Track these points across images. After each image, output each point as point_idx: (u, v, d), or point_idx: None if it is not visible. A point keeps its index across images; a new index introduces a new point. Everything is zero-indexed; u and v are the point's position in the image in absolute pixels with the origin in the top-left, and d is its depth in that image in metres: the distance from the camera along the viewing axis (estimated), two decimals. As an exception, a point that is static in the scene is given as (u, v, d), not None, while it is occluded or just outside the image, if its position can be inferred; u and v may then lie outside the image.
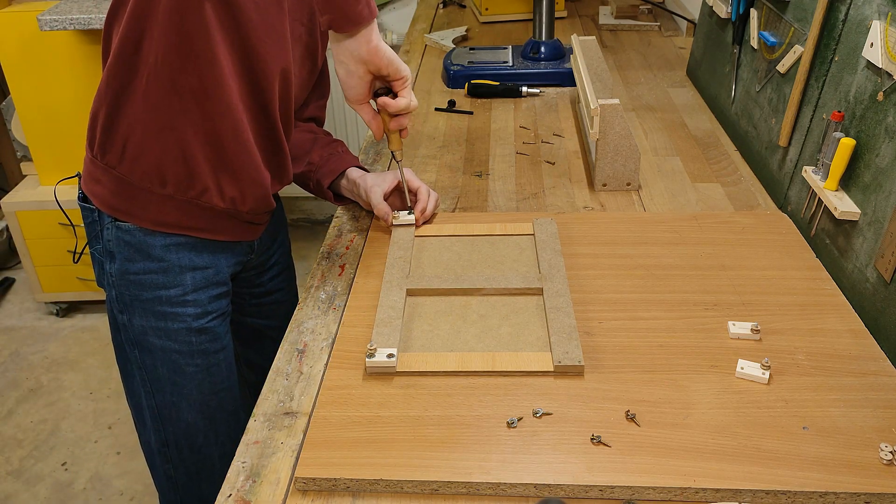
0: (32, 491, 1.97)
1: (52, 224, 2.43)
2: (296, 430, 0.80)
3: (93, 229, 1.07)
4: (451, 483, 0.71)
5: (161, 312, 1.06)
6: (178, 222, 1.03)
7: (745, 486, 0.69)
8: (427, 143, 1.45)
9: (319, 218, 3.13)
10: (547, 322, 0.90)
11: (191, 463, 1.16)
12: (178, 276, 1.05)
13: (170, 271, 1.05)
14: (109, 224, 1.04)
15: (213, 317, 1.10)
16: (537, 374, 0.83)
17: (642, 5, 2.08)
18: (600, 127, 1.18)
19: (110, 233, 1.04)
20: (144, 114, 0.96)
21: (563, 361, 0.83)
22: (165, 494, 1.21)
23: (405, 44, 2.06)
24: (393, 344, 0.86)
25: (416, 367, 0.84)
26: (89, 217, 1.07)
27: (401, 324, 0.90)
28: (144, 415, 1.14)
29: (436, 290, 0.97)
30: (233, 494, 0.73)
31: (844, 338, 0.88)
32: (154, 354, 1.08)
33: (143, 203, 1.01)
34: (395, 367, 0.84)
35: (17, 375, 2.38)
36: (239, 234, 1.10)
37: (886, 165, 0.90)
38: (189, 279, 1.06)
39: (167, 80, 0.94)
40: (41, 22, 2.05)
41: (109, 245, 1.05)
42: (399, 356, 0.85)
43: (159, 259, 1.04)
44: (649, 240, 1.07)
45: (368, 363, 0.83)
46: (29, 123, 2.37)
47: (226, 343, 1.13)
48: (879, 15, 0.93)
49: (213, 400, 1.13)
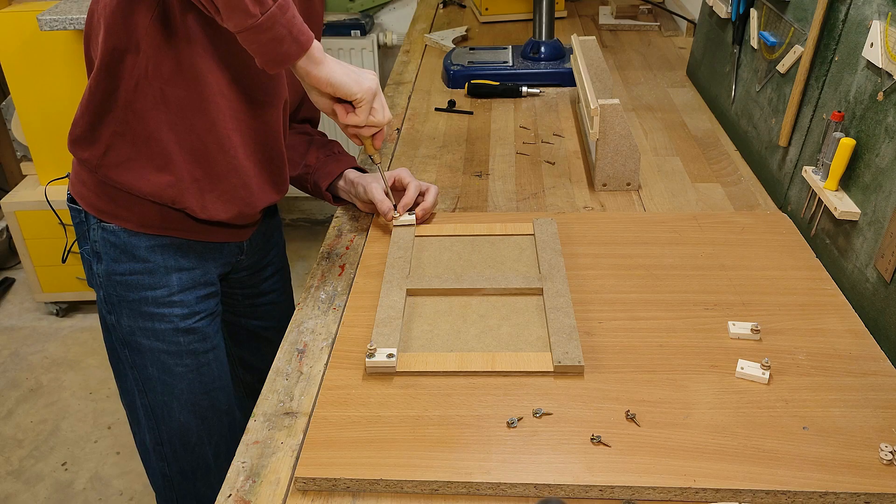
0: (32, 491, 1.97)
1: (51, 224, 2.43)
2: (296, 430, 0.80)
3: (80, 230, 1.08)
4: (451, 483, 0.71)
5: (148, 313, 1.06)
6: (162, 225, 1.03)
7: (745, 486, 0.69)
8: (427, 143, 1.45)
9: (319, 218, 3.13)
10: (547, 322, 0.90)
11: (185, 462, 1.16)
12: (163, 277, 1.05)
13: (155, 272, 1.05)
14: (95, 225, 1.04)
15: (201, 317, 1.10)
16: (537, 374, 0.83)
17: (642, 5, 2.08)
18: (600, 127, 1.18)
19: (96, 233, 1.05)
20: (128, 123, 0.96)
21: (563, 361, 0.83)
22: (161, 493, 1.21)
23: (405, 44, 2.06)
24: (393, 344, 0.86)
25: (415, 367, 0.84)
26: (77, 217, 1.07)
27: (401, 324, 0.90)
28: (138, 414, 1.14)
29: (436, 290, 0.97)
30: (233, 494, 0.73)
31: (844, 338, 0.88)
32: (144, 354, 1.09)
33: (126, 205, 1.02)
34: (395, 367, 0.84)
35: (17, 375, 2.38)
36: (225, 236, 1.10)
37: (886, 165, 0.89)
38: (175, 280, 1.06)
39: (155, 92, 0.94)
40: (41, 22, 2.05)
41: (96, 246, 1.05)
42: (399, 356, 0.85)
43: (144, 260, 1.04)
44: (649, 240, 1.07)
45: (368, 363, 0.83)
46: (29, 123, 2.36)
47: (216, 343, 1.13)
48: (879, 15, 0.93)
49: (204, 400, 1.13)
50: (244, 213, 1.06)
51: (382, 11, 2.76)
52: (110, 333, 1.11)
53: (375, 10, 2.75)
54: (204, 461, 1.17)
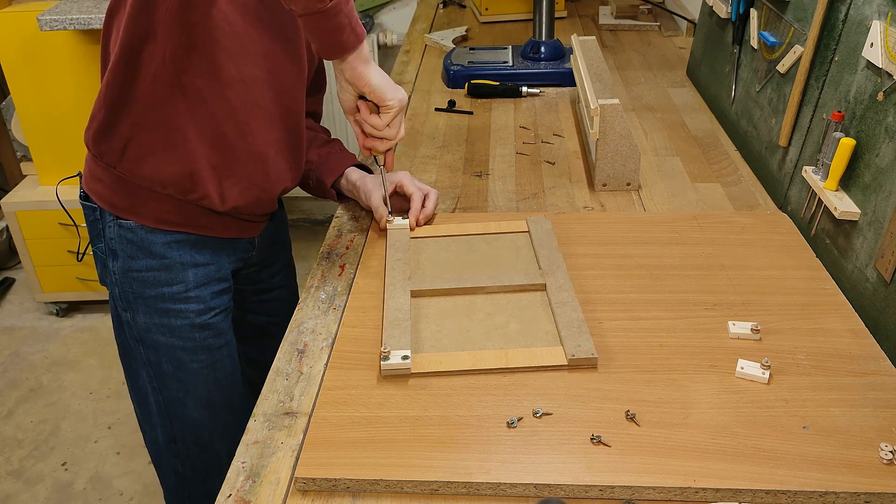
0: (32, 491, 1.97)
1: (52, 224, 2.43)
2: (296, 430, 0.80)
3: (95, 228, 1.08)
4: (451, 483, 0.71)
5: (164, 309, 1.06)
6: (178, 220, 1.04)
7: (745, 486, 0.69)
8: (427, 143, 1.45)
9: (319, 218, 3.13)
10: (554, 317, 0.90)
11: (198, 459, 1.17)
12: (179, 273, 1.06)
13: (172, 268, 1.05)
14: (111, 222, 1.04)
15: (216, 313, 1.10)
16: (537, 372, 0.83)
17: (642, 5, 2.08)
18: (600, 127, 1.18)
19: (112, 231, 1.05)
20: (147, 115, 0.96)
21: (577, 354, 0.83)
22: (172, 491, 1.21)
23: (405, 44, 2.06)
24: (405, 346, 0.86)
25: (430, 367, 0.84)
26: (91, 216, 1.07)
27: (410, 325, 0.90)
28: (151, 411, 1.14)
29: (439, 290, 0.97)
30: (233, 494, 0.73)
31: (844, 338, 0.88)
32: (159, 351, 1.09)
33: (143, 201, 1.02)
34: (409, 369, 0.84)
35: (17, 375, 2.38)
36: (239, 231, 1.11)
37: (886, 165, 0.89)
38: (191, 276, 1.07)
39: (173, 80, 0.94)
40: (41, 22, 2.05)
41: (112, 243, 1.05)
42: (413, 357, 0.85)
43: (161, 256, 1.04)
44: (649, 240, 1.07)
45: (384, 366, 0.83)
46: (29, 123, 2.37)
47: (229, 339, 1.14)
48: (879, 15, 0.93)
49: (217, 395, 1.13)
50: (261, 199, 1.07)
51: (382, 11, 2.76)
52: (124, 331, 1.11)
53: (375, 10, 2.75)
54: (217, 458, 1.17)
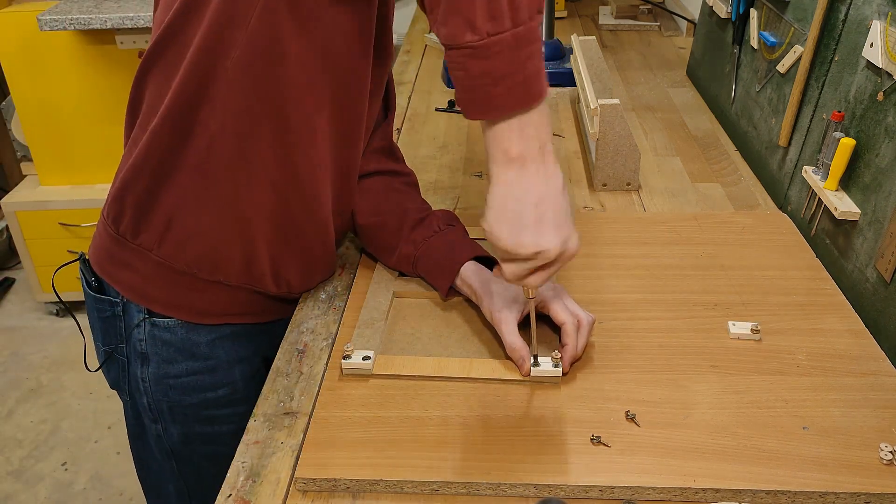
0: (32, 491, 1.97)
1: (52, 224, 2.43)
2: (296, 430, 0.80)
3: (113, 325, 0.89)
4: (451, 483, 0.71)
5: (209, 417, 0.92)
6: (225, 310, 0.89)
7: (745, 486, 0.69)
8: (427, 143, 1.45)
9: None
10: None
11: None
12: (226, 374, 0.91)
13: (217, 369, 0.91)
14: (143, 321, 0.86)
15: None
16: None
17: (642, 5, 2.08)
18: (600, 127, 1.18)
19: (143, 331, 0.87)
20: (198, 188, 0.79)
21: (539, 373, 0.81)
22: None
23: (405, 44, 2.06)
24: (373, 346, 0.85)
25: (391, 370, 0.83)
26: (108, 311, 0.88)
27: (384, 326, 0.89)
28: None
29: (422, 293, 0.96)
30: (233, 494, 0.73)
31: (844, 338, 0.88)
32: (196, 463, 0.94)
33: (185, 291, 0.85)
34: (370, 370, 0.83)
35: (17, 375, 2.38)
36: (284, 311, 0.96)
37: (886, 165, 0.90)
38: (238, 374, 0.93)
39: (233, 148, 0.77)
40: (41, 22, 2.05)
41: (142, 346, 0.88)
42: (376, 358, 0.84)
43: (206, 357, 0.89)
44: (649, 240, 1.07)
45: (344, 364, 0.83)
46: (29, 123, 2.37)
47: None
48: (879, 15, 0.93)
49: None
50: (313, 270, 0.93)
51: (382, 11, 2.75)
52: (150, 446, 0.94)
53: (375, 10, 2.75)
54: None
